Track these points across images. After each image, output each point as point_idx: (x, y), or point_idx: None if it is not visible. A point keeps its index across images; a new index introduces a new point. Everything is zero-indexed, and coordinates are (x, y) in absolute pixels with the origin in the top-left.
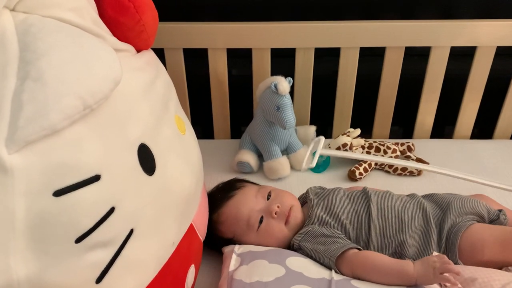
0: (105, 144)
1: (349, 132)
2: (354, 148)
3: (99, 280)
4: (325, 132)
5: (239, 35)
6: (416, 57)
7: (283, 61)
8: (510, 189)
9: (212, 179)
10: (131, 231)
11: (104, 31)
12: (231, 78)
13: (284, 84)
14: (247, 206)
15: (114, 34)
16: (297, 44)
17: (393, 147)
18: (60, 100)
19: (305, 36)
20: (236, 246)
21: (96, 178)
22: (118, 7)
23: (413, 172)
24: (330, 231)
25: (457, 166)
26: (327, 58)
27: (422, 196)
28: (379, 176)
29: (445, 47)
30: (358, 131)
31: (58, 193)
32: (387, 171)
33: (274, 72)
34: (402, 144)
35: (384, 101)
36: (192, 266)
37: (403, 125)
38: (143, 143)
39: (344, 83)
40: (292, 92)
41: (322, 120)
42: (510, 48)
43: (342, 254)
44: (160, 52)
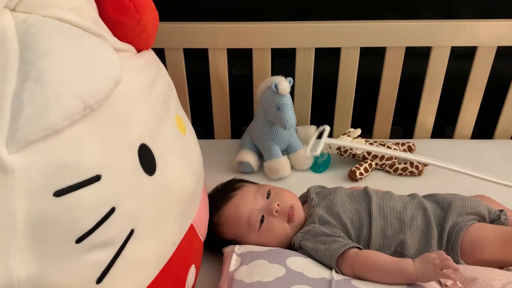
0: (106, 144)
1: (350, 132)
2: (355, 148)
3: (100, 280)
4: None
5: (240, 35)
6: (417, 57)
7: (284, 61)
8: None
9: (213, 179)
10: (132, 231)
11: (105, 31)
12: (232, 78)
13: (285, 84)
14: (247, 206)
15: (115, 34)
16: (298, 44)
17: (394, 147)
18: (61, 100)
19: (306, 36)
20: (237, 246)
21: (97, 178)
22: (119, 7)
23: (414, 172)
24: (331, 230)
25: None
26: (328, 58)
27: (423, 196)
28: (380, 176)
29: (446, 47)
30: (359, 131)
31: (59, 193)
32: (388, 171)
33: (275, 72)
34: (403, 144)
35: (385, 101)
36: (193, 266)
37: (404, 125)
38: (144, 143)
39: (345, 83)
40: (293, 92)
41: (323, 120)
42: (510, 48)
43: (343, 253)
44: (161, 52)
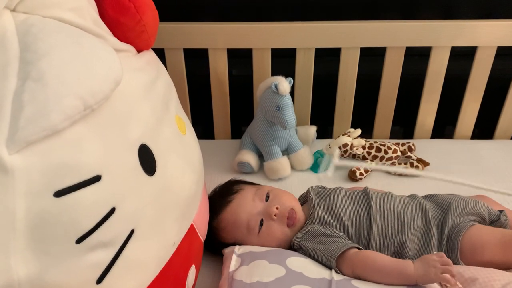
0: (106, 145)
1: (350, 132)
2: (355, 148)
3: (100, 281)
4: (326, 132)
5: (240, 35)
6: (417, 57)
7: (284, 61)
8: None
9: (213, 179)
10: (132, 232)
11: (105, 31)
12: (232, 78)
13: (285, 84)
14: (246, 211)
15: (115, 35)
16: (298, 44)
17: (394, 147)
18: (61, 101)
19: (306, 36)
20: (237, 247)
21: (97, 179)
22: (119, 8)
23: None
24: (331, 231)
25: (458, 167)
26: (328, 58)
27: (423, 197)
28: (380, 177)
29: (446, 47)
30: (359, 131)
31: (59, 194)
32: (388, 172)
33: (275, 72)
34: (403, 144)
35: (385, 101)
36: (193, 267)
37: (404, 125)
38: (144, 144)
39: (345, 83)
40: (293, 92)
41: (323, 120)
42: (510, 48)
43: (343, 254)
44: (161, 52)
